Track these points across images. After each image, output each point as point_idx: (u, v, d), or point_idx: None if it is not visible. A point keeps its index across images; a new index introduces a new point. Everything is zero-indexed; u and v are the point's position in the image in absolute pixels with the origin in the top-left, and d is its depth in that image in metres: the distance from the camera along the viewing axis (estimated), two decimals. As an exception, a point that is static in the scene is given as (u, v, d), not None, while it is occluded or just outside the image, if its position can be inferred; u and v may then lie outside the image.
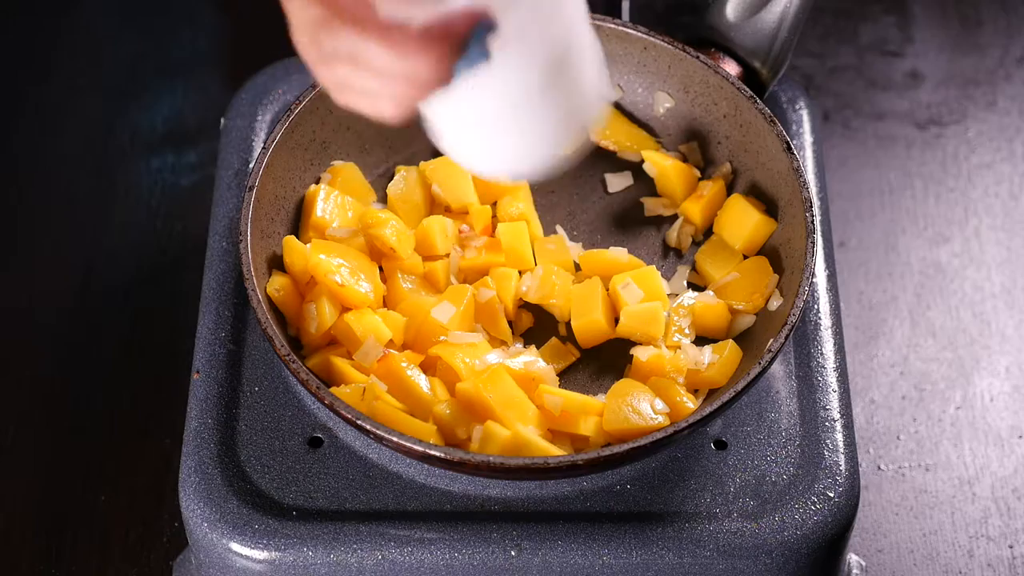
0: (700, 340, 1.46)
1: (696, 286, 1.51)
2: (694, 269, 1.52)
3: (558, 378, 1.44)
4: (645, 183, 1.58)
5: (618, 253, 1.50)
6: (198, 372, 1.44)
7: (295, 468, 1.40)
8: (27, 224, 1.80)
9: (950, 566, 1.57)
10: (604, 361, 1.47)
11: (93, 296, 1.74)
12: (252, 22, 1.96)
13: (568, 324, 1.48)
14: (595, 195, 1.58)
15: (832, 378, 1.45)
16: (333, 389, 1.37)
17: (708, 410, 1.33)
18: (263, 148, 1.47)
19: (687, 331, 1.46)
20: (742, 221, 1.50)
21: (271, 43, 1.96)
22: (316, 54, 1.08)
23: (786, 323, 1.37)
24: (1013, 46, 1.98)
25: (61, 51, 1.95)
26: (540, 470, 1.31)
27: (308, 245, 1.45)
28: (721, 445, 1.42)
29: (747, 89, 1.52)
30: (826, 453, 1.41)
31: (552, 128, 1.00)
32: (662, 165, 1.55)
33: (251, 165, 1.57)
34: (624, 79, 1.60)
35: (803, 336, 1.47)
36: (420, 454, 1.31)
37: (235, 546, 1.36)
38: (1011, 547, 1.59)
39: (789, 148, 1.47)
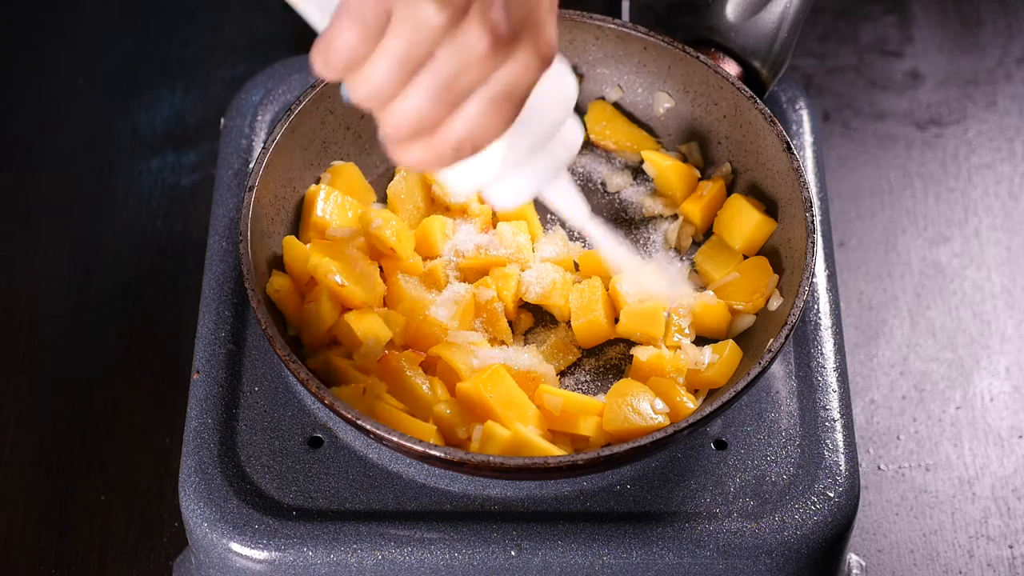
0: (700, 340, 1.47)
1: (696, 286, 1.51)
2: (694, 269, 1.52)
3: (558, 378, 1.45)
4: (645, 183, 1.58)
5: (618, 253, 1.50)
6: (198, 372, 1.45)
7: (295, 468, 1.40)
8: (27, 223, 1.81)
9: (950, 566, 1.57)
10: (604, 361, 1.47)
11: (93, 296, 1.74)
12: (252, 22, 1.96)
13: (568, 324, 1.48)
14: (595, 195, 1.58)
15: (832, 378, 1.45)
16: (333, 389, 1.37)
17: (708, 410, 1.33)
18: (263, 148, 1.47)
19: (687, 331, 1.46)
20: (742, 221, 1.50)
21: (271, 43, 1.96)
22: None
23: (786, 323, 1.37)
24: (1013, 46, 1.98)
25: (61, 51, 1.95)
26: (540, 470, 1.31)
27: (308, 245, 1.45)
28: (721, 445, 1.42)
29: (747, 89, 1.52)
30: (826, 453, 1.41)
31: (536, 174, 1.23)
32: (662, 165, 1.55)
33: (251, 165, 1.57)
34: (624, 79, 1.60)
35: (803, 336, 1.48)
36: (420, 454, 1.31)
37: (235, 546, 1.36)
38: (1011, 547, 1.59)
39: (789, 148, 1.47)
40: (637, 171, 1.59)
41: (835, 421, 1.42)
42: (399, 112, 1.10)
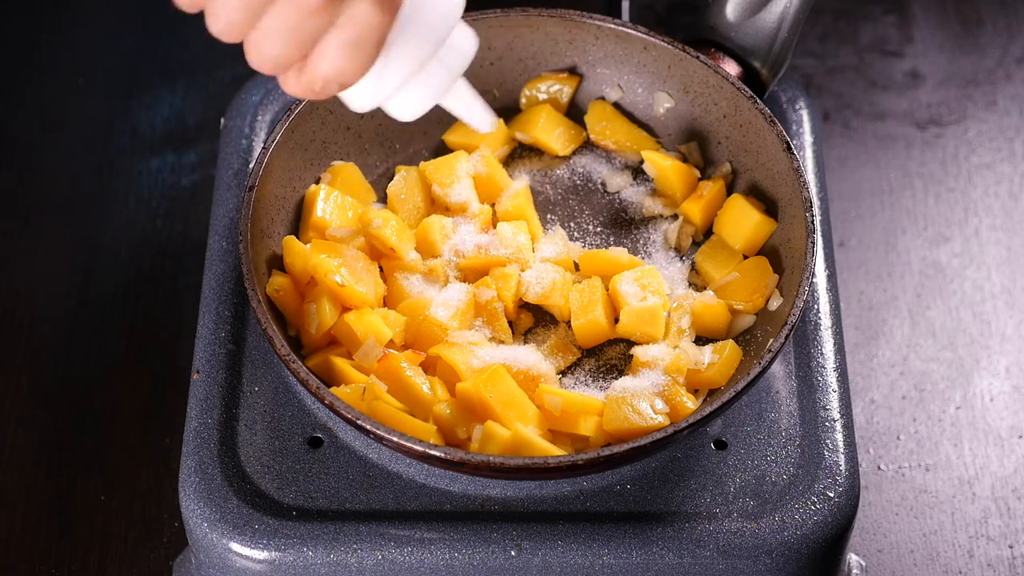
0: (700, 340, 1.47)
1: (696, 286, 1.51)
2: (694, 269, 1.52)
3: (558, 378, 1.45)
4: (645, 183, 1.58)
5: (618, 253, 1.50)
6: (198, 372, 1.45)
7: (295, 468, 1.40)
8: (27, 223, 1.81)
9: (950, 566, 1.57)
10: (604, 361, 1.47)
11: (93, 296, 1.74)
12: (252, 22, 1.96)
13: (568, 324, 1.48)
14: (595, 195, 1.58)
15: (832, 378, 1.45)
16: (333, 389, 1.37)
17: (708, 410, 1.33)
18: (263, 148, 1.47)
19: (687, 331, 1.46)
20: (742, 221, 1.50)
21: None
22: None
23: (786, 323, 1.37)
24: (1013, 46, 1.98)
25: (61, 51, 1.95)
26: (540, 470, 1.31)
27: (308, 245, 1.45)
28: (721, 445, 1.42)
29: (747, 89, 1.52)
30: (826, 453, 1.41)
31: (432, 85, 1.22)
32: (662, 165, 1.56)
33: (251, 165, 1.57)
34: (624, 79, 1.60)
35: (803, 336, 1.48)
36: (420, 454, 1.31)
37: (235, 546, 1.36)
38: (1011, 547, 1.59)
39: (789, 148, 1.48)
40: (637, 171, 1.59)
41: (835, 421, 1.43)
42: (257, 48, 1.14)
